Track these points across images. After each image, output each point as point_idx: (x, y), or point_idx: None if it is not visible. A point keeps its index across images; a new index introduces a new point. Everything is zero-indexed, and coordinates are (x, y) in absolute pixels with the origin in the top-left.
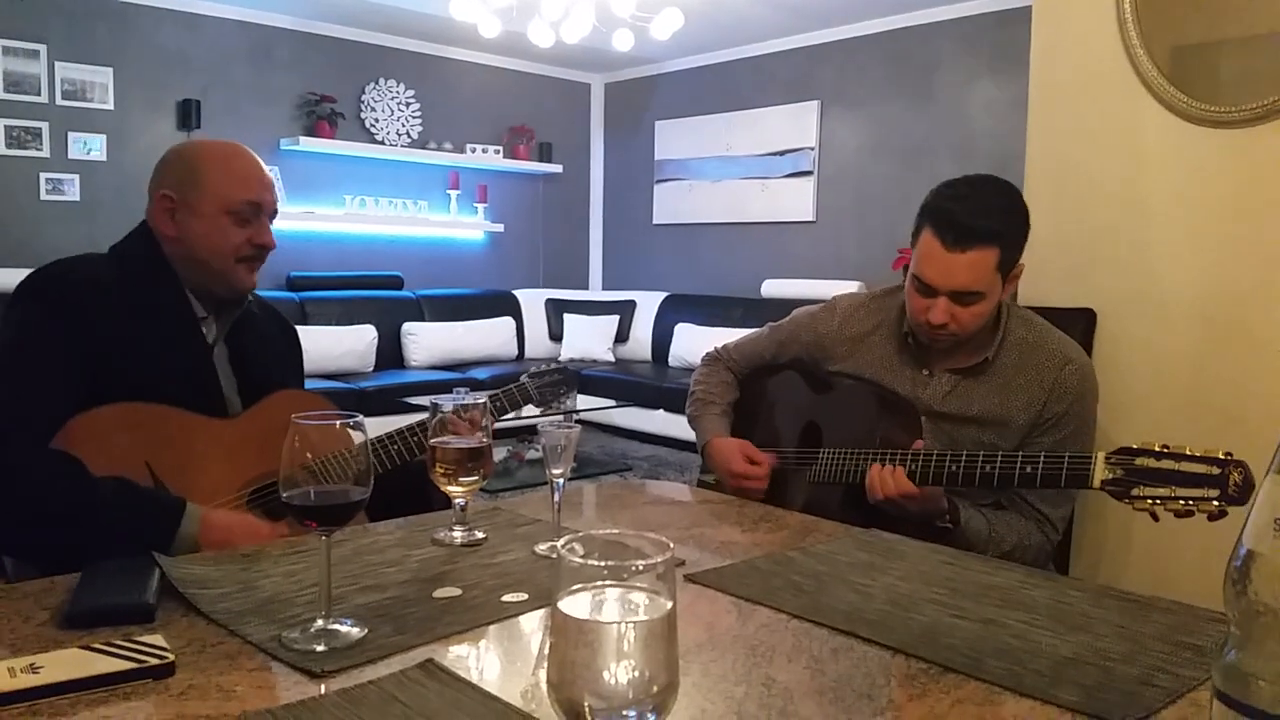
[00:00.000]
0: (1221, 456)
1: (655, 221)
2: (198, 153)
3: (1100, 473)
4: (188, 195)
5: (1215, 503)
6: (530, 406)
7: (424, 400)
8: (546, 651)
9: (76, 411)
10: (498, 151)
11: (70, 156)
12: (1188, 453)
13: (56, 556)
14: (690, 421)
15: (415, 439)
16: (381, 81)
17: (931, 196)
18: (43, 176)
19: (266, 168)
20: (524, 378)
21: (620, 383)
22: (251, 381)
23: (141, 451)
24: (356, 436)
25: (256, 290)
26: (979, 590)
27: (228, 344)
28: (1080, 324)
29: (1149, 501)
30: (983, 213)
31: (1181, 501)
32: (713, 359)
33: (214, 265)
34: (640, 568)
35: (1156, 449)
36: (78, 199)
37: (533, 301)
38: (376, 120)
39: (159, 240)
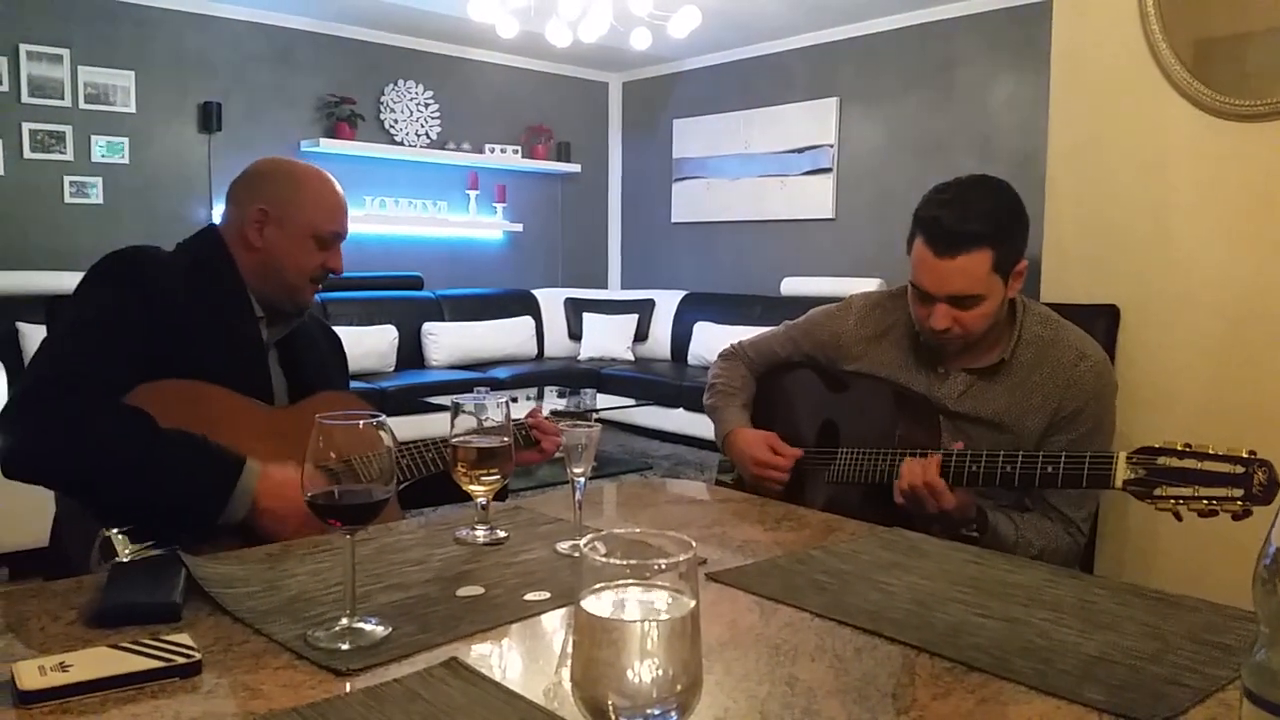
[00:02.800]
0: (1245, 455)
1: (674, 220)
2: (298, 175)
3: (1122, 472)
4: (283, 213)
5: (1239, 502)
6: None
7: (445, 400)
8: (570, 650)
9: (140, 381)
10: (516, 151)
11: (93, 159)
12: (1211, 451)
13: (122, 502)
14: (710, 412)
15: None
16: (400, 83)
17: (922, 203)
18: (67, 180)
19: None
20: (548, 413)
21: (640, 381)
22: (300, 384)
23: (199, 425)
24: (383, 437)
25: None
26: (1003, 589)
27: (279, 348)
28: (1103, 320)
29: (1172, 501)
30: (970, 216)
31: (1205, 501)
32: (730, 355)
33: (287, 280)
34: (663, 567)
35: (1179, 448)
36: (101, 201)
37: (552, 301)
38: (396, 121)
39: (229, 245)
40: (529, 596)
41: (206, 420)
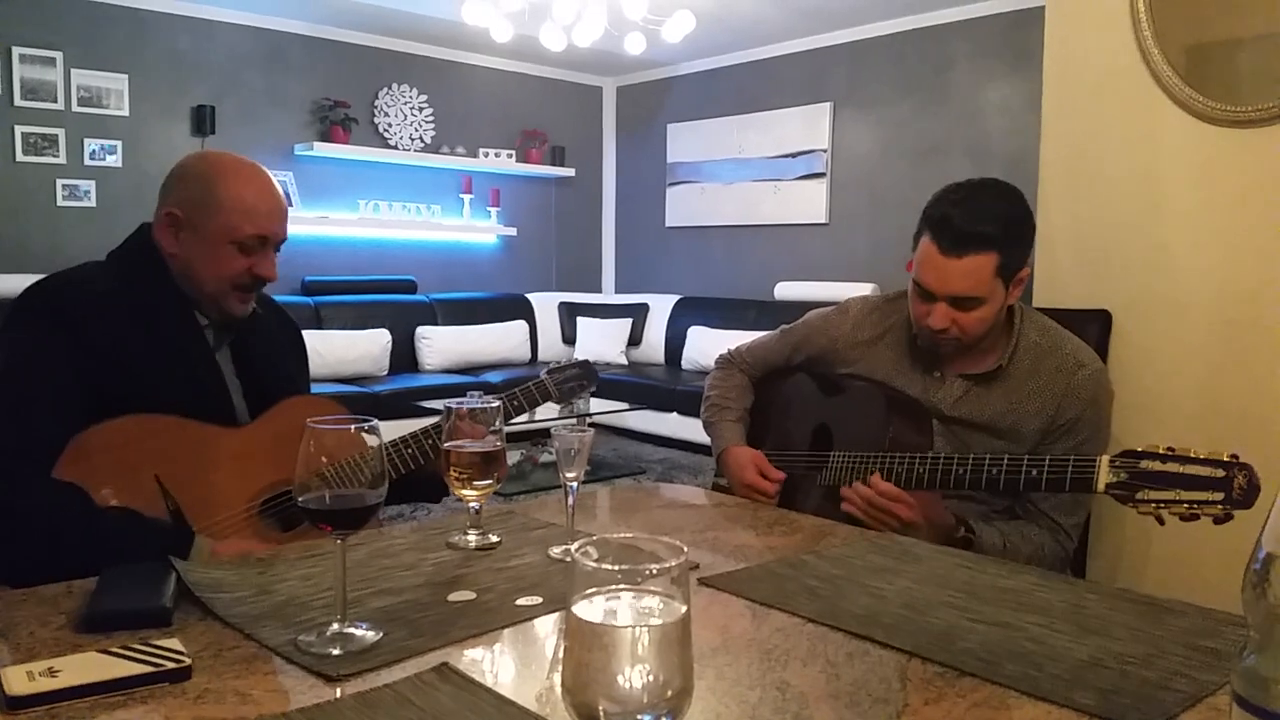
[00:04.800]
0: (1226, 458)
1: (668, 224)
2: (213, 174)
3: (1105, 476)
4: (195, 216)
5: (1220, 506)
6: (549, 404)
7: (438, 404)
8: (561, 655)
9: (80, 429)
10: (510, 155)
11: (86, 162)
12: (1193, 455)
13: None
14: (706, 427)
15: (430, 442)
16: (395, 86)
17: (932, 201)
18: (59, 183)
19: (278, 181)
20: (543, 374)
21: (633, 386)
22: (257, 386)
23: (151, 465)
24: (371, 440)
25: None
26: (995, 593)
27: (231, 348)
28: (1096, 325)
29: (1153, 505)
30: (980, 218)
31: (1186, 505)
32: (726, 362)
33: (208, 289)
34: (654, 571)
35: (1161, 451)
36: (94, 205)
37: (546, 305)
38: (390, 125)
39: (160, 248)
40: (521, 601)
41: (162, 459)
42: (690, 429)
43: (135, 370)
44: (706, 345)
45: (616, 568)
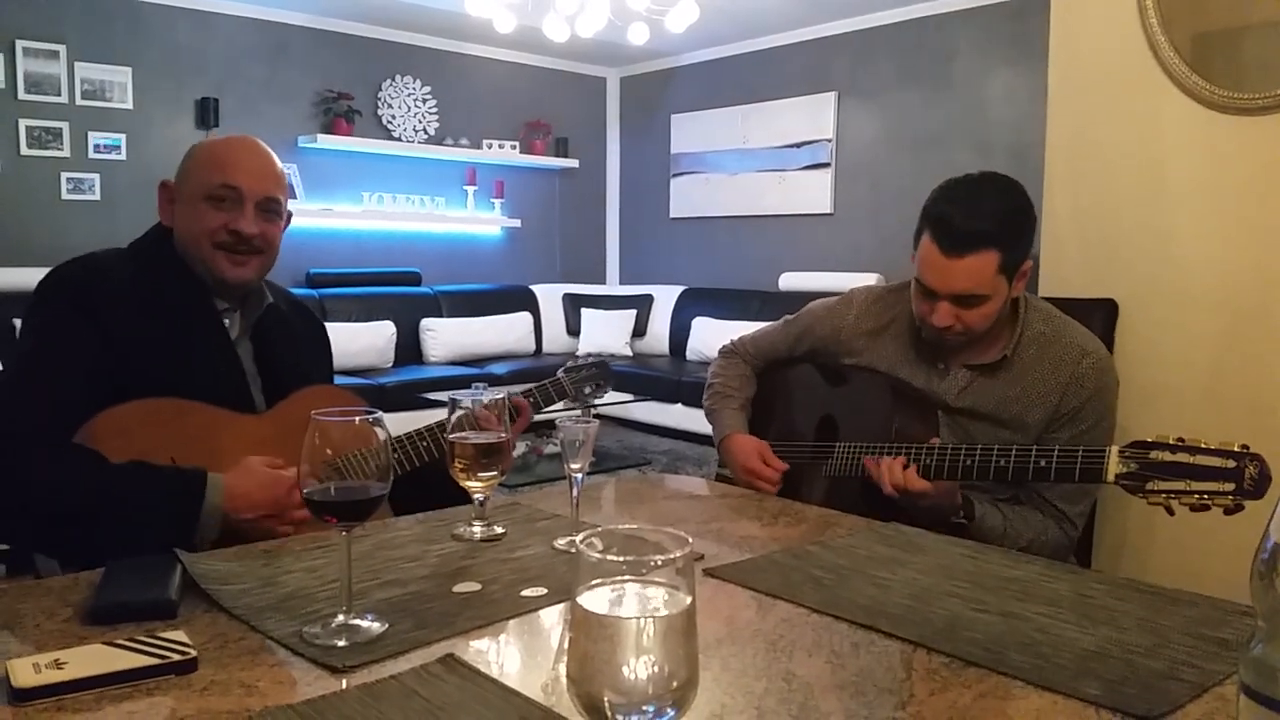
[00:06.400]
0: (1237, 449)
1: (672, 215)
2: (201, 143)
3: (1114, 467)
4: (180, 183)
5: (1231, 496)
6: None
7: (443, 396)
8: (566, 646)
9: (99, 409)
10: (514, 147)
11: (90, 156)
12: (1203, 445)
13: (87, 551)
14: (708, 415)
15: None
16: (398, 78)
17: (931, 199)
18: (64, 176)
19: (280, 163)
20: (560, 373)
21: (638, 377)
22: (277, 379)
23: (167, 447)
24: (378, 433)
25: (283, 286)
26: (1000, 583)
27: (253, 341)
28: (1101, 314)
29: (1163, 496)
30: (980, 216)
31: (1196, 495)
32: (729, 352)
33: (194, 253)
34: (659, 563)
35: (1171, 442)
36: (98, 198)
37: (550, 296)
38: (393, 117)
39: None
40: (526, 592)
41: (178, 442)
42: (695, 420)
43: (152, 355)
44: (711, 336)
45: (621, 559)
